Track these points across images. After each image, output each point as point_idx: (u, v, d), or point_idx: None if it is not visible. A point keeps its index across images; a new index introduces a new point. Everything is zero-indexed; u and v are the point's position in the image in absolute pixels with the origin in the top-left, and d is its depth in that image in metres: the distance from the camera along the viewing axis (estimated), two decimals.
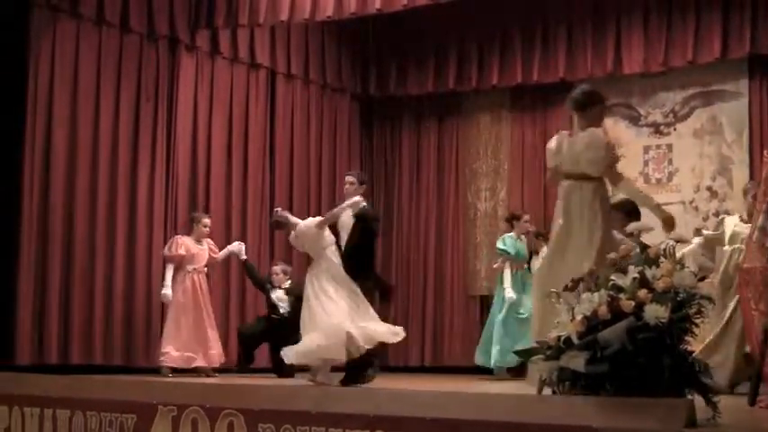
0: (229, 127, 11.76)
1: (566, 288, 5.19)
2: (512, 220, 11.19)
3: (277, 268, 10.99)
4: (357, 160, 13.36)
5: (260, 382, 8.57)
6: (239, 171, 11.76)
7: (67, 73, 10.17)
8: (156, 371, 10.03)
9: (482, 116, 13.02)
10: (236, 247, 10.78)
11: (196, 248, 10.42)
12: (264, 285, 10.89)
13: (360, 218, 8.82)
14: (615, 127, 11.97)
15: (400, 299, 13.14)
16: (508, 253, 10.86)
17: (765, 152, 7.32)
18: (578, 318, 4.85)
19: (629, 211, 6.38)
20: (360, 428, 4.49)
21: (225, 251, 10.77)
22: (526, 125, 12.69)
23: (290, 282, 10.87)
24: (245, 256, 10.81)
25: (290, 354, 8.58)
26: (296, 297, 10.17)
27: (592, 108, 6.57)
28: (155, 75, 10.99)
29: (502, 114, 12.89)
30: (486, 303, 12.51)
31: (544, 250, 9.27)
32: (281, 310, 10.66)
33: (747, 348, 7.31)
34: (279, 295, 10.78)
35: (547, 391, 5.01)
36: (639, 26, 11.58)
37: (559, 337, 4.90)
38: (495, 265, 11.25)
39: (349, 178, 9.08)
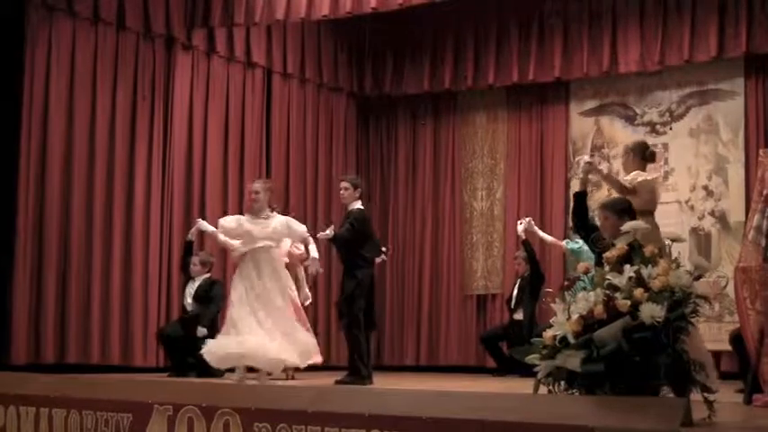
0: (225, 126, 11.74)
1: (562, 287, 5.20)
2: None
3: (195, 258, 10.22)
4: (353, 159, 13.36)
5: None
6: (235, 170, 11.75)
7: (64, 71, 10.16)
8: (152, 370, 10.02)
9: (478, 115, 13.02)
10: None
11: None
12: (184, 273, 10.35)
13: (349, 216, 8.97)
14: (611, 126, 11.99)
15: (396, 298, 13.15)
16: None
17: (761, 151, 7.33)
18: (574, 317, 4.86)
19: (621, 210, 6.38)
20: (355, 428, 4.49)
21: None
22: (522, 124, 12.68)
23: (209, 275, 10.35)
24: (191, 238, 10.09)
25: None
26: (203, 295, 10.02)
27: None
28: (151, 73, 10.98)
29: (498, 113, 12.88)
30: (481, 303, 12.53)
31: None
32: (188, 308, 10.17)
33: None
34: (189, 290, 10.25)
35: (543, 390, 5.01)
36: (636, 25, 11.59)
37: (555, 337, 4.91)
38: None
39: (344, 184, 9.11)
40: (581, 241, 9.69)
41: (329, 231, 8.85)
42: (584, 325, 4.81)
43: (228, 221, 8.69)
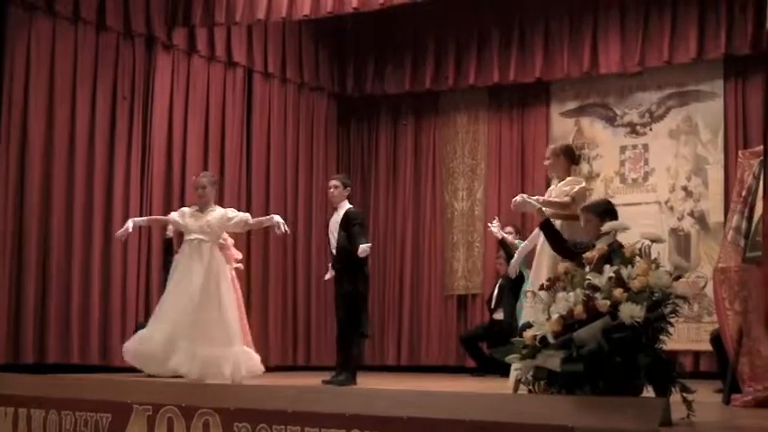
0: (206, 125, 11.72)
1: (542, 287, 5.21)
2: None
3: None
4: (334, 159, 13.36)
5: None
6: (215, 169, 11.67)
7: (43, 71, 10.11)
8: (132, 370, 9.98)
9: (459, 116, 13.04)
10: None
11: None
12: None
13: (349, 216, 8.88)
14: (591, 127, 12.02)
15: (377, 298, 13.14)
16: None
17: (740, 153, 7.37)
18: (554, 317, 4.87)
19: (602, 211, 6.45)
20: (336, 428, 4.48)
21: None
22: (503, 125, 12.71)
23: None
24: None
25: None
26: None
27: None
28: (131, 73, 10.94)
29: (479, 114, 12.91)
30: (462, 303, 12.55)
31: None
32: None
33: None
34: None
35: (523, 390, 5.02)
36: (616, 26, 11.63)
37: (535, 337, 4.92)
38: None
39: (334, 182, 9.10)
40: None
41: (365, 247, 8.75)
42: (564, 325, 4.82)
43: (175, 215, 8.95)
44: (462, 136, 12.99)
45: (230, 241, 9.73)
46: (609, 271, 4.95)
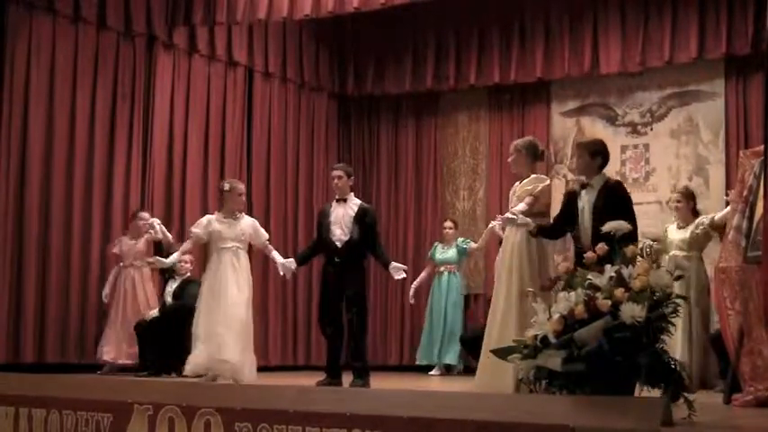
0: (206, 125, 11.71)
1: (542, 287, 5.21)
2: None
3: (188, 257, 10.15)
4: (334, 159, 13.32)
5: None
6: (216, 169, 11.72)
7: (44, 70, 10.11)
8: (133, 370, 9.99)
9: (460, 115, 13.04)
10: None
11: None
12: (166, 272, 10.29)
13: (367, 213, 8.72)
14: (592, 127, 12.02)
15: (380, 298, 13.14)
16: None
17: (741, 152, 7.37)
18: (555, 317, 4.87)
19: (594, 151, 6.63)
20: (337, 427, 4.48)
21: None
22: (504, 124, 12.71)
23: (189, 274, 10.35)
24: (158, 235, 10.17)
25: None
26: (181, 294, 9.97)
27: None
28: (131, 72, 10.94)
29: (480, 113, 12.91)
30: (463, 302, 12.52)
31: None
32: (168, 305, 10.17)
33: None
34: (169, 289, 10.30)
35: (524, 390, 5.02)
36: (617, 26, 11.63)
37: (537, 337, 4.92)
38: None
39: (337, 172, 8.76)
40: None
41: (402, 271, 8.72)
42: (564, 325, 4.82)
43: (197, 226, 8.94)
44: (463, 136, 12.99)
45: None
46: (610, 270, 4.95)
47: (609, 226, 5.44)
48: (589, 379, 4.67)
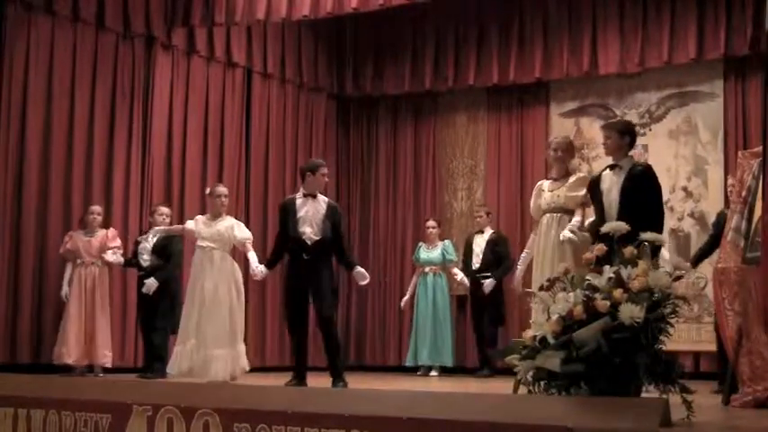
0: (205, 126, 11.71)
1: (541, 288, 5.21)
2: None
3: (165, 209, 9.97)
4: (333, 160, 13.34)
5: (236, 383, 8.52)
6: (214, 170, 11.72)
7: (42, 71, 10.10)
8: (130, 370, 9.98)
9: (459, 116, 13.04)
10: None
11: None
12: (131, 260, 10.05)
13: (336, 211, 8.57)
14: (591, 127, 12.01)
15: (378, 298, 13.13)
16: None
17: (740, 153, 7.37)
18: (554, 318, 4.87)
19: (621, 130, 6.80)
20: (335, 428, 4.49)
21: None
22: (503, 125, 12.71)
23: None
24: (120, 259, 9.97)
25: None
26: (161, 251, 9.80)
27: None
28: (130, 73, 10.94)
29: (478, 114, 12.90)
30: (461, 303, 12.53)
31: None
32: (145, 264, 9.78)
33: None
34: (145, 245, 9.89)
35: (523, 390, 5.02)
36: (615, 27, 11.63)
37: (535, 337, 4.92)
38: None
39: (327, 170, 8.71)
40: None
41: (366, 278, 8.61)
42: (563, 325, 4.82)
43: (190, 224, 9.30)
44: (462, 136, 12.98)
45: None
46: (609, 271, 4.95)
47: (608, 227, 5.44)
48: (588, 379, 4.67)
